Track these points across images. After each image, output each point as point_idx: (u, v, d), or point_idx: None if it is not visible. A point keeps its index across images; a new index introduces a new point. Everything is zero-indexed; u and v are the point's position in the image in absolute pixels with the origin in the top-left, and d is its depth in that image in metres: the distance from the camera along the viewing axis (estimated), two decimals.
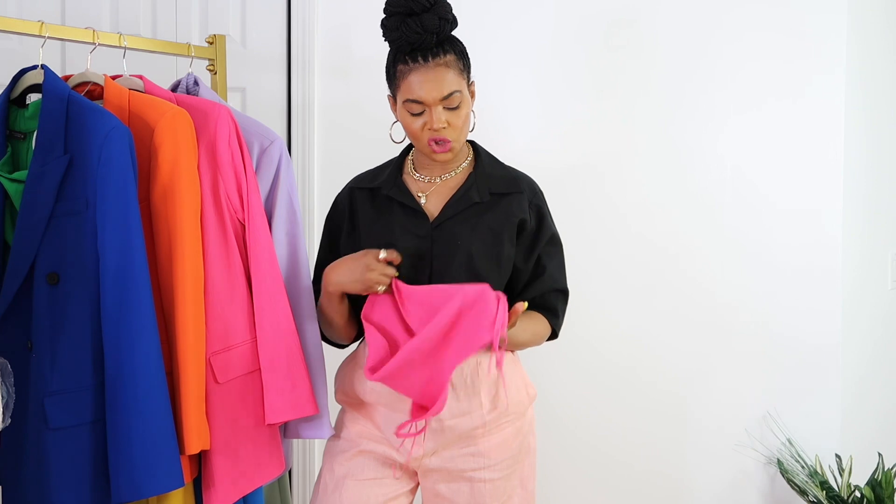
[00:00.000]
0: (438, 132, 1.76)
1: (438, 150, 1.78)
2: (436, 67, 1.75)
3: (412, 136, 1.81)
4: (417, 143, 1.82)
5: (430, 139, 1.77)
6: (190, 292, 1.67)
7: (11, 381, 1.58)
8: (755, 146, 2.59)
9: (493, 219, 1.83)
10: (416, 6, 1.73)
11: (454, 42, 1.80)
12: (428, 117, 1.76)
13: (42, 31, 1.78)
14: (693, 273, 2.63)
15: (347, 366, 1.93)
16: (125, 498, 1.58)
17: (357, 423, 1.88)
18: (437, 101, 1.75)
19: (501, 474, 1.84)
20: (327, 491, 1.85)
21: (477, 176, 1.86)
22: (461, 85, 1.78)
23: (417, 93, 1.75)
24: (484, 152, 1.92)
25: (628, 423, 2.67)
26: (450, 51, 1.77)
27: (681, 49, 2.61)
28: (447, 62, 1.76)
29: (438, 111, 1.76)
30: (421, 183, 1.87)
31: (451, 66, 1.76)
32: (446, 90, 1.75)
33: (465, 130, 1.82)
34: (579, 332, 2.04)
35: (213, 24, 2.77)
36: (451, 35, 1.80)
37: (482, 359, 1.83)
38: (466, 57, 1.82)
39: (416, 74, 1.75)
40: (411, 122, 1.78)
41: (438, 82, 1.75)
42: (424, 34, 1.73)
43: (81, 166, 1.61)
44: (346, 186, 1.95)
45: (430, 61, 1.75)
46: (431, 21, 1.74)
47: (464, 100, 1.78)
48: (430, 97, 1.75)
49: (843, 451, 2.56)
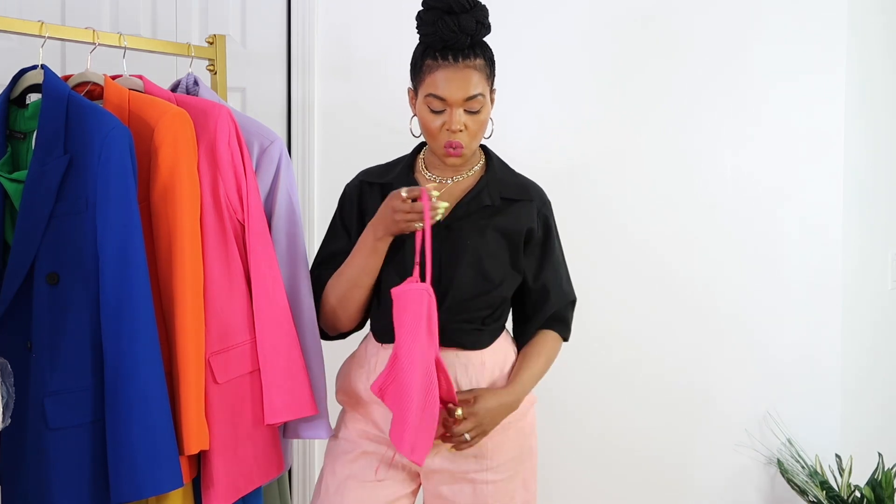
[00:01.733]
0: (455, 134, 1.76)
1: (452, 153, 1.78)
2: (465, 69, 1.75)
3: (428, 134, 1.80)
4: (432, 142, 1.81)
5: (447, 143, 1.76)
6: (189, 292, 1.67)
7: (11, 381, 1.58)
8: (755, 147, 2.59)
9: (502, 223, 1.83)
10: (456, 5, 1.73)
11: (485, 48, 1.80)
12: (448, 117, 1.75)
13: (42, 31, 1.77)
14: (693, 273, 2.63)
15: (347, 365, 1.93)
16: (125, 498, 1.58)
17: (358, 424, 1.88)
18: (460, 101, 1.75)
19: (503, 476, 1.84)
20: (329, 492, 1.85)
21: (489, 180, 1.85)
22: (485, 90, 1.78)
23: (442, 90, 1.74)
24: (496, 157, 1.92)
25: (628, 424, 2.67)
26: (480, 55, 1.77)
27: (681, 50, 2.61)
28: (476, 66, 1.76)
29: (459, 113, 1.75)
30: (432, 183, 1.86)
31: (479, 70, 1.76)
32: (471, 91, 1.75)
33: (480, 137, 1.81)
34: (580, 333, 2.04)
35: (213, 24, 2.77)
36: (483, 41, 1.80)
37: (487, 358, 1.83)
38: (493, 64, 1.82)
39: (444, 72, 1.74)
40: (430, 119, 1.78)
41: (465, 82, 1.74)
42: (460, 34, 1.73)
43: (81, 166, 1.61)
44: (356, 178, 1.93)
45: (459, 62, 1.75)
46: (469, 23, 1.74)
47: (485, 105, 1.78)
48: (454, 97, 1.74)
49: (843, 451, 2.56)
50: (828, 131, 2.55)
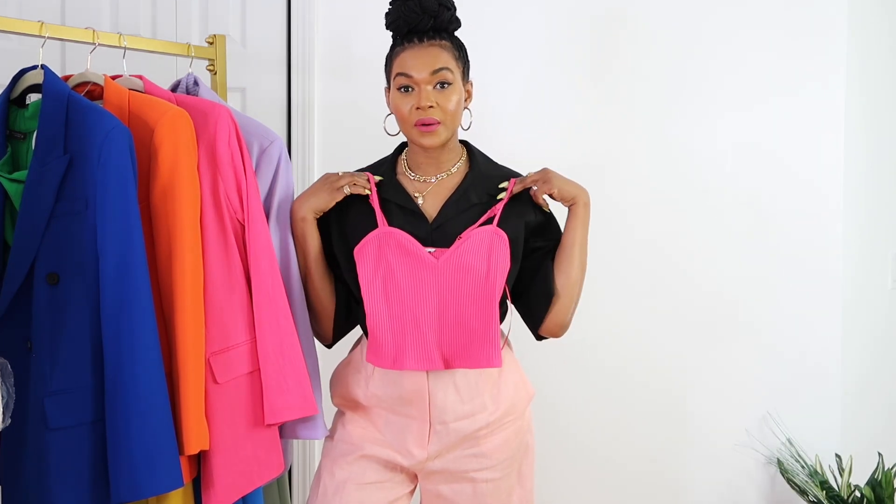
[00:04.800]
0: (426, 112, 1.76)
1: (425, 129, 1.77)
2: (430, 47, 1.78)
3: (401, 121, 1.80)
4: (407, 129, 1.80)
5: (418, 121, 1.76)
6: (189, 292, 1.67)
7: (11, 381, 1.58)
8: (755, 146, 2.59)
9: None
10: None
11: (453, 36, 1.82)
12: (416, 97, 1.76)
13: (42, 31, 1.77)
14: (693, 273, 2.63)
15: (343, 370, 1.93)
16: (124, 498, 1.58)
17: (358, 427, 1.87)
18: (427, 76, 1.76)
19: (502, 474, 1.85)
20: (327, 494, 1.85)
21: (474, 176, 1.85)
22: (454, 68, 1.78)
23: (409, 67, 1.76)
24: (478, 152, 1.91)
25: (628, 423, 2.67)
26: (446, 38, 1.80)
27: (681, 48, 2.61)
28: (442, 45, 1.79)
29: (427, 90, 1.76)
30: (416, 183, 1.86)
31: (445, 50, 1.79)
32: (437, 65, 1.76)
33: (455, 118, 1.79)
34: (579, 333, 2.04)
35: (213, 24, 2.77)
36: (451, 31, 1.82)
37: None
38: (464, 51, 1.83)
39: (410, 51, 1.78)
40: (401, 103, 1.78)
41: (431, 57, 1.77)
42: (422, 15, 1.77)
43: (81, 166, 1.61)
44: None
45: (424, 41, 1.78)
46: (430, 4, 1.77)
47: (455, 84, 1.78)
48: (420, 72, 1.76)
49: (843, 451, 2.57)
50: (828, 131, 2.55)
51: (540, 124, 2.67)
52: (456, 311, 1.76)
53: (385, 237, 1.77)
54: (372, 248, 1.77)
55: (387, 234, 1.77)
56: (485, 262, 1.75)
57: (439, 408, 1.80)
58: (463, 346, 1.76)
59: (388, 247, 1.76)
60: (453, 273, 1.75)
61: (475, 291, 1.75)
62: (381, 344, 1.77)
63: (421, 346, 1.76)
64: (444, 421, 1.81)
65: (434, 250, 1.77)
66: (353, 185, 1.81)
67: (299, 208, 1.84)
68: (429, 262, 1.76)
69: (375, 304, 1.77)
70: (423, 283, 1.76)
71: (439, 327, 1.76)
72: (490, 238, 1.76)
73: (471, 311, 1.75)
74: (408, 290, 1.76)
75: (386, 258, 1.76)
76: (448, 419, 1.81)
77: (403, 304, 1.76)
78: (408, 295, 1.76)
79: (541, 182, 1.81)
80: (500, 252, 1.75)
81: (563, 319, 1.86)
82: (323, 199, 1.83)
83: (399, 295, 1.76)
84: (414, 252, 1.76)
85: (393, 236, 1.77)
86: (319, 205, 1.83)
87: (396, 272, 1.76)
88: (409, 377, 1.80)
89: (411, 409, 1.81)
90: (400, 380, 1.81)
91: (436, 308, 1.76)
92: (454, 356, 1.77)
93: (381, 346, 1.77)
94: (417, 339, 1.76)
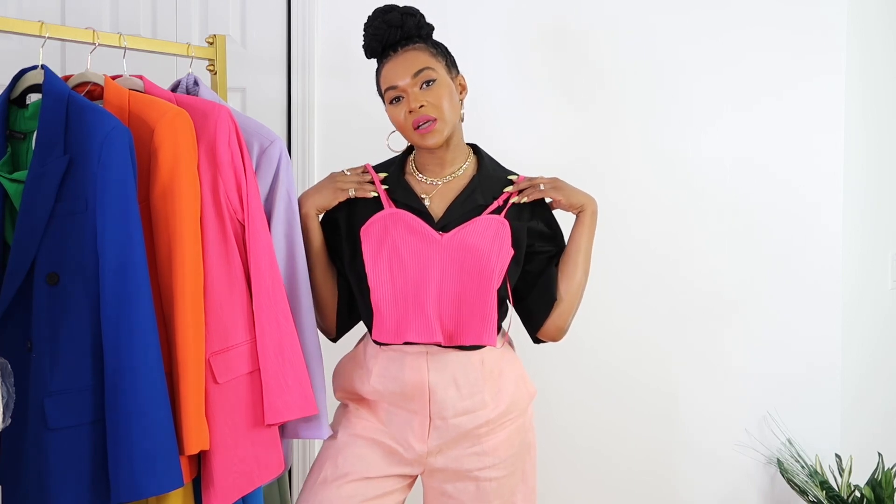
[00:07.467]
0: (418, 112, 1.78)
1: (424, 130, 1.79)
2: (404, 53, 1.83)
3: (402, 131, 1.84)
4: (409, 136, 1.83)
5: (414, 122, 1.79)
6: (189, 292, 1.67)
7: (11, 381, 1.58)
8: (754, 145, 2.59)
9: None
10: (380, 10, 1.85)
11: (425, 38, 1.86)
12: (407, 102, 1.80)
13: (42, 32, 1.77)
14: (693, 273, 2.63)
15: (346, 365, 1.94)
16: (124, 498, 1.58)
17: (361, 419, 1.89)
18: (409, 81, 1.80)
19: (506, 472, 1.86)
20: (326, 482, 1.85)
21: (481, 178, 1.87)
22: (433, 64, 1.82)
23: (391, 78, 1.81)
24: (486, 155, 1.93)
25: (628, 423, 2.67)
26: (419, 42, 1.84)
27: (679, 45, 2.61)
28: (416, 48, 1.83)
29: (414, 92, 1.79)
30: (424, 184, 1.88)
31: (421, 51, 1.83)
32: (416, 67, 1.80)
33: (451, 112, 1.82)
34: (579, 333, 2.04)
35: (213, 24, 2.77)
36: (424, 35, 1.86)
37: (486, 356, 1.84)
38: (441, 47, 1.87)
39: (389, 64, 1.83)
40: (396, 114, 1.82)
41: (408, 62, 1.81)
42: (388, 28, 1.83)
43: (81, 166, 1.61)
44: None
45: (399, 51, 1.83)
46: (394, 17, 1.83)
47: (440, 79, 1.81)
48: (401, 78, 1.80)
49: (843, 451, 2.56)
50: (828, 131, 2.55)
51: (534, 125, 2.67)
52: (456, 287, 1.80)
53: (392, 217, 1.83)
54: (378, 227, 1.82)
55: (394, 214, 1.83)
56: (487, 243, 1.80)
57: (439, 403, 1.82)
58: (461, 321, 1.80)
59: (394, 226, 1.82)
60: (456, 250, 1.80)
61: (475, 269, 1.79)
62: (384, 318, 1.81)
63: (422, 319, 1.79)
64: (444, 416, 1.82)
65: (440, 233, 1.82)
66: (359, 189, 1.86)
67: (303, 204, 1.89)
68: (434, 238, 1.81)
69: (379, 278, 1.81)
70: (427, 259, 1.80)
71: (439, 301, 1.80)
72: (495, 224, 1.82)
73: (469, 287, 1.79)
74: (412, 266, 1.80)
75: (391, 236, 1.81)
76: (447, 414, 1.82)
77: (406, 280, 1.80)
78: (412, 270, 1.80)
79: (550, 188, 1.85)
80: (503, 237, 1.81)
81: (562, 324, 1.89)
82: (326, 198, 1.88)
83: (403, 271, 1.80)
84: (420, 231, 1.81)
85: (400, 216, 1.82)
86: (322, 203, 1.88)
87: (402, 249, 1.80)
88: (409, 372, 1.82)
89: (412, 403, 1.83)
90: (401, 375, 1.83)
91: (438, 283, 1.80)
92: (454, 331, 1.81)
93: (384, 321, 1.81)
94: (419, 313, 1.79)
